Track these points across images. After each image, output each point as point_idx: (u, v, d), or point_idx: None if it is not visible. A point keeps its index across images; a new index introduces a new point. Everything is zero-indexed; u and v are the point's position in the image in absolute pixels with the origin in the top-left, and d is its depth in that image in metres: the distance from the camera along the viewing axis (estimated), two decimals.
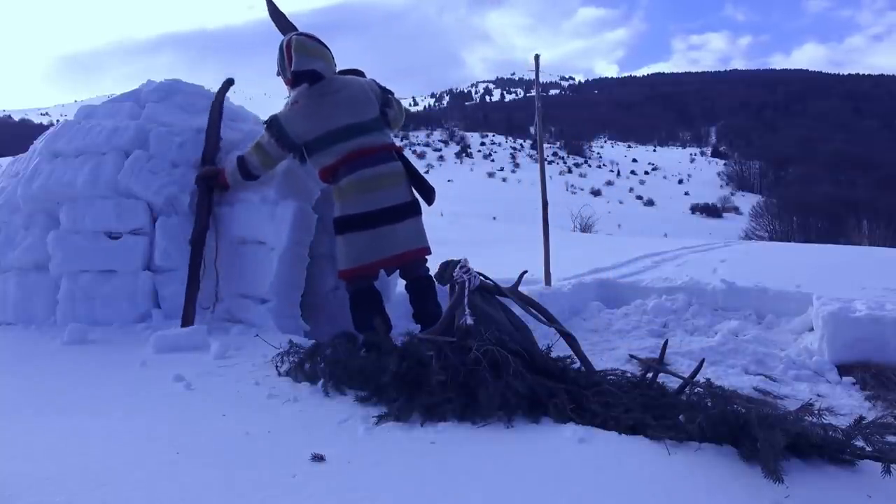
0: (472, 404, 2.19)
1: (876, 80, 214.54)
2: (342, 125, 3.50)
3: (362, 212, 3.46)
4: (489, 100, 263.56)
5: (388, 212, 3.49)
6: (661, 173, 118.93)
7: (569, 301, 4.91)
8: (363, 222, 3.46)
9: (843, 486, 1.73)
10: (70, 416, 2.36)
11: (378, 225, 3.47)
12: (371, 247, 3.48)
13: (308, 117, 3.51)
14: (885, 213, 30.86)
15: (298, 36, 3.58)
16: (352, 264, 3.50)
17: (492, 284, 3.19)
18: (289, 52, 3.52)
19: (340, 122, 3.50)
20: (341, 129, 3.50)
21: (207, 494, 1.68)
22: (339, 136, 3.49)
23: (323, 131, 3.48)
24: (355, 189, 3.47)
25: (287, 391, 2.54)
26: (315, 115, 3.51)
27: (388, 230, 3.49)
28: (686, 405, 2.15)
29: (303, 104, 3.53)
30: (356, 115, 3.56)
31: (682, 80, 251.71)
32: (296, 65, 3.48)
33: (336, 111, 3.52)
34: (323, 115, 3.50)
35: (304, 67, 3.50)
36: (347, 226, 3.50)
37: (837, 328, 3.62)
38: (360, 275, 3.53)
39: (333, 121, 3.50)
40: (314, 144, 3.53)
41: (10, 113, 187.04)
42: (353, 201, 3.48)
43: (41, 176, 3.98)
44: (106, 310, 3.75)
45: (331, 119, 3.50)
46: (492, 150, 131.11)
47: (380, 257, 3.50)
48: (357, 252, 3.48)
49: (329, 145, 3.49)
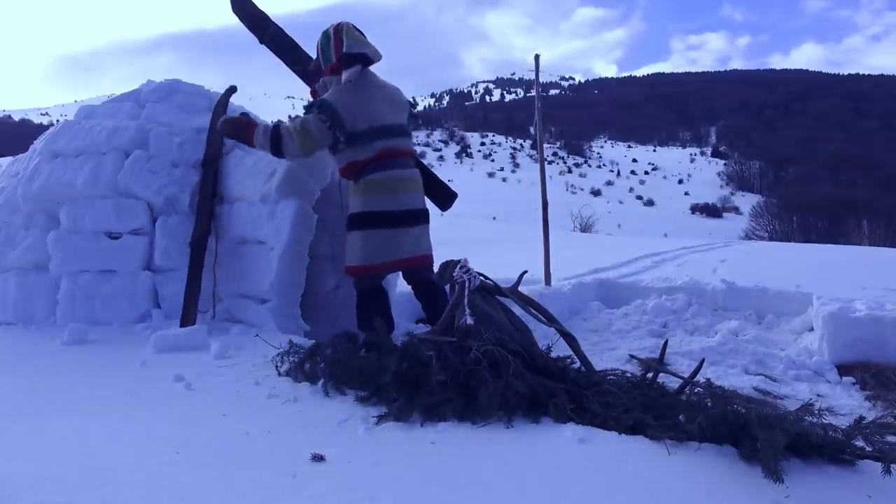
0: (472, 404, 2.19)
1: (876, 80, 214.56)
2: (385, 123, 3.49)
3: (387, 210, 3.43)
4: (489, 100, 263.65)
5: (408, 215, 3.51)
6: (661, 173, 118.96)
7: (569, 301, 4.91)
8: (385, 221, 3.44)
9: (843, 486, 1.73)
10: (70, 416, 2.36)
11: (398, 226, 3.46)
12: (387, 246, 3.45)
13: (360, 104, 3.42)
14: (885, 213, 30.85)
15: (348, 23, 3.54)
16: (364, 261, 3.46)
17: (492, 284, 3.19)
18: (338, 36, 3.47)
19: (384, 119, 3.49)
20: (384, 126, 3.48)
21: (207, 494, 1.68)
22: (381, 132, 3.47)
23: (368, 125, 3.43)
24: (383, 188, 3.45)
25: (287, 391, 2.54)
26: (365, 104, 3.44)
27: (405, 233, 3.49)
28: (686, 405, 2.15)
29: (355, 85, 3.43)
30: (396, 115, 3.57)
31: (682, 80, 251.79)
32: (347, 47, 3.43)
33: (381, 107, 3.50)
34: (370, 108, 3.45)
35: (356, 50, 3.44)
36: (369, 222, 3.45)
37: (837, 328, 3.62)
38: (370, 273, 3.50)
39: (378, 117, 3.47)
40: (358, 136, 3.43)
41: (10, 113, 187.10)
42: (378, 199, 3.44)
43: (41, 176, 3.98)
44: (106, 310, 3.75)
45: (376, 114, 3.46)
46: (492, 150, 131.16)
47: (393, 258, 3.47)
48: (372, 250, 3.44)
49: (370, 140, 3.44)
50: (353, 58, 3.42)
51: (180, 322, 3.57)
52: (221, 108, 4.16)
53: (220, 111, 4.14)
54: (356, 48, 3.44)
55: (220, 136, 4.05)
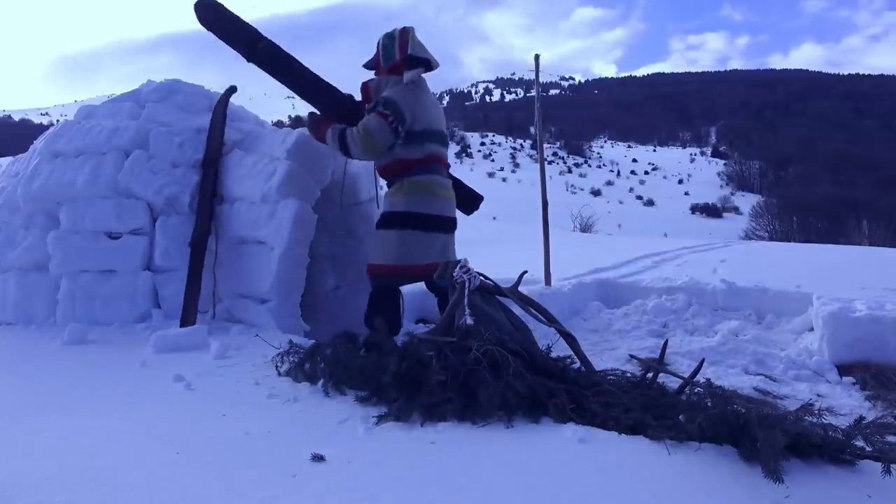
0: (472, 404, 2.19)
1: (876, 80, 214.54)
2: (436, 128, 3.62)
3: (426, 213, 3.49)
4: (489, 100, 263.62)
5: (445, 221, 3.60)
6: (661, 173, 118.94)
7: (569, 301, 4.91)
8: (426, 223, 3.49)
9: (843, 486, 1.73)
10: (70, 416, 2.36)
11: (434, 230, 3.52)
12: (422, 249, 3.48)
13: (419, 104, 3.51)
14: (885, 213, 30.85)
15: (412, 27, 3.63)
16: (397, 261, 3.47)
17: (492, 284, 3.19)
18: (403, 37, 3.56)
19: (436, 124, 3.62)
20: (436, 131, 3.61)
21: (207, 494, 1.68)
22: (433, 136, 3.58)
23: (423, 126, 3.51)
24: (428, 191, 3.51)
25: (287, 391, 2.54)
26: (423, 106, 3.53)
27: (437, 238, 3.54)
28: (686, 405, 2.15)
29: (419, 86, 3.55)
30: (442, 123, 3.71)
31: (682, 80, 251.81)
32: (413, 49, 3.53)
33: (434, 113, 3.62)
34: (427, 111, 3.55)
35: (421, 54, 3.54)
36: (408, 222, 3.47)
37: (837, 328, 3.62)
38: (399, 274, 3.50)
39: (432, 121, 3.58)
40: (413, 135, 3.49)
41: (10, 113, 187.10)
42: (420, 200, 3.48)
43: (41, 176, 3.98)
44: (106, 310, 3.75)
45: (431, 118, 3.57)
46: (492, 150, 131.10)
47: (425, 262, 3.48)
48: (406, 250, 3.46)
49: (423, 141, 3.52)
50: (418, 61, 3.52)
51: (180, 322, 3.57)
52: (221, 108, 4.16)
53: (220, 111, 4.14)
54: (421, 52, 3.55)
55: (221, 136, 4.05)
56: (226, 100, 4.23)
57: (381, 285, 3.54)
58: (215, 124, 4.09)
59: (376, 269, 3.55)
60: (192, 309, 3.62)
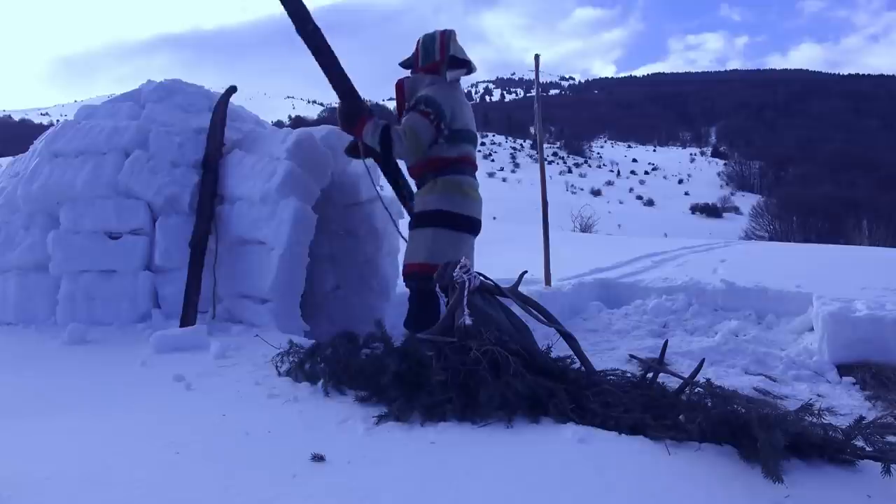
0: (472, 404, 2.18)
1: (876, 80, 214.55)
2: (473, 129, 3.64)
3: (460, 213, 3.49)
4: (489, 100, 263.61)
5: (475, 223, 3.60)
6: (661, 173, 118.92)
7: (569, 301, 4.91)
8: (461, 224, 3.50)
9: (843, 486, 1.73)
10: (70, 416, 2.36)
11: (465, 231, 3.53)
12: (453, 249, 3.43)
13: (458, 104, 3.52)
14: (885, 213, 30.85)
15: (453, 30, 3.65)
16: (427, 259, 3.42)
17: (492, 285, 3.19)
18: (444, 38, 3.57)
19: (471, 125, 3.62)
20: (472, 132, 3.63)
21: (207, 494, 1.68)
22: (469, 137, 3.60)
23: (462, 126, 3.53)
24: (461, 190, 3.51)
25: (287, 391, 2.54)
26: (462, 106, 3.55)
27: (467, 239, 3.55)
28: (686, 405, 2.15)
29: (458, 86, 3.58)
30: (474, 124, 3.70)
31: (682, 80, 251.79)
32: (455, 50, 3.55)
33: (469, 113, 3.62)
34: (465, 111, 3.57)
35: (463, 56, 3.57)
36: (448, 221, 3.47)
37: (837, 328, 3.62)
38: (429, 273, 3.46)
39: (467, 121, 3.59)
40: (454, 133, 3.50)
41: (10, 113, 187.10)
42: (455, 200, 3.48)
43: (41, 176, 3.98)
44: (106, 310, 3.75)
45: (468, 118, 3.59)
46: (492, 150, 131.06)
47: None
48: (438, 249, 3.43)
49: (460, 141, 3.53)
50: (460, 62, 3.56)
51: (180, 322, 3.57)
52: (221, 108, 4.16)
53: (220, 111, 4.14)
54: (463, 55, 3.58)
55: (221, 136, 4.05)
56: (226, 100, 4.23)
57: (420, 288, 3.48)
58: (215, 124, 4.09)
59: (410, 268, 3.53)
60: (192, 309, 3.62)
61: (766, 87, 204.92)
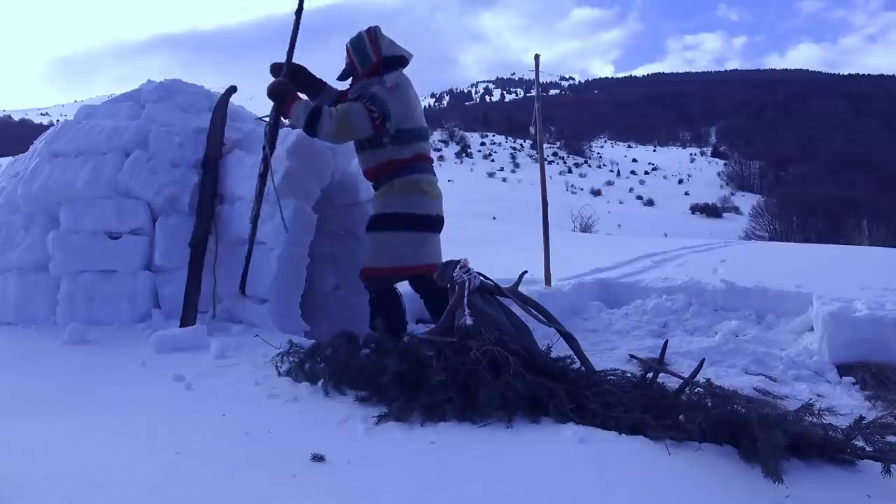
0: (472, 404, 2.18)
1: (876, 80, 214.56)
2: (423, 125, 3.56)
3: (420, 213, 3.45)
4: (489, 100, 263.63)
5: (435, 221, 3.54)
6: (661, 173, 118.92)
7: (569, 301, 4.91)
8: (417, 223, 3.45)
9: (843, 486, 1.73)
10: (70, 416, 2.36)
11: (426, 230, 3.48)
12: (415, 250, 3.44)
13: (407, 105, 3.46)
14: (885, 213, 30.86)
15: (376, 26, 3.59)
16: (391, 263, 3.43)
17: (492, 285, 3.19)
18: (372, 38, 3.51)
19: (422, 121, 3.56)
20: (423, 128, 3.55)
21: (207, 494, 1.68)
22: (420, 134, 3.53)
23: (413, 125, 3.48)
24: (418, 190, 3.46)
25: (287, 391, 2.54)
26: (410, 105, 3.49)
27: (430, 238, 3.50)
28: (686, 405, 2.15)
29: (403, 90, 3.47)
30: (424, 119, 3.64)
31: (682, 80, 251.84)
32: (386, 49, 3.48)
33: (419, 109, 3.56)
34: (415, 109, 3.51)
35: (396, 52, 3.49)
36: (403, 223, 3.43)
37: (837, 328, 3.62)
38: (394, 275, 3.47)
39: (417, 118, 3.53)
40: (404, 134, 3.45)
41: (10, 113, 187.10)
42: (414, 201, 3.44)
43: (41, 176, 3.98)
44: (106, 310, 3.75)
45: (416, 116, 3.52)
46: (492, 150, 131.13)
47: (417, 263, 3.44)
48: (401, 252, 3.42)
49: (412, 141, 3.48)
50: (394, 60, 3.47)
51: (180, 322, 3.57)
52: (221, 108, 4.16)
53: (220, 111, 4.14)
54: (395, 51, 3.50)
55: (221, 136, 4.05)
56: (226, 100, 4.23)
57: (377, 288, 3.51)
58: (215, 124, 4.08)
59: (370, 272, 3.52)
60: (192, 309, 3.62)
61: (765, 87, 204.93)
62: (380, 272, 3.48)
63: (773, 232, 36.90)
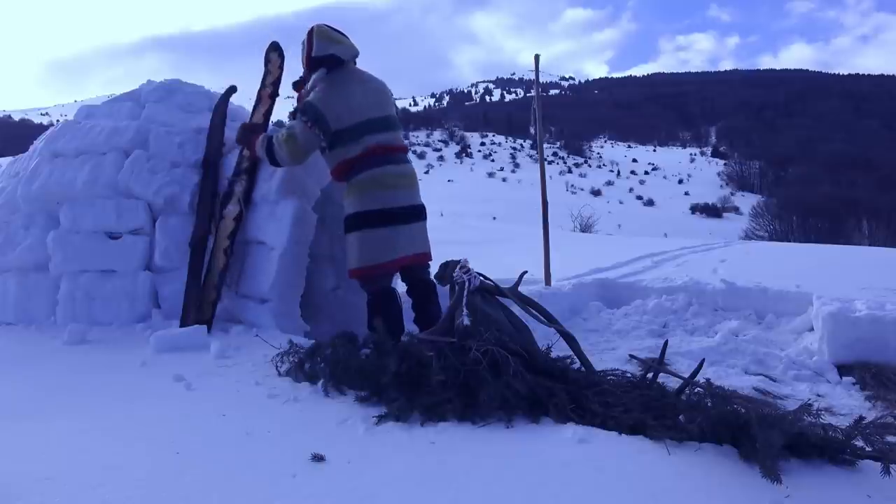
0: (472, 404, 2.19)
1: (875, 80, 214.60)
2: (373, 116, 3.46)
3: (381, 208, 3.39)
4: (489, 100, 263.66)
5: (405, 211, 3.47)
6: (661, 173, 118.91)
7: (569, 301, 4.91)
8: (381, 219, 3.39)
9: (843, 486, 1.73)
10: (70, 416, 2.36)
11: (395, 223, 3.42)
12: (387, 245, 3.41)
13: (340, 100, 3.41)
14: (885, 213, 30.87)
15: (321, 25, 3.58)
16: (366, 263, 3.42)
17: (492, 285, 3.19)
18: (309, 40, 3.52)
19: (371, 113, 3.46)
20: (371, 120, 3.44)
21: (207, 494, 1.68)
22: (368, 127, 3.43)
23: (353, 121, 3.41)
24: (376, 185, 3.40)
25: (287, 391, 2.54)
26: (347, 100, 3.42)
27: (404, 229, 3.45)
28: (686, 405, 2.15)
29: (323, 87, 3.44)
30: (383, 108, 3.54)
31: (682, 81, 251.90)
32: (315, 50, 3.48)
33: (364, 101, 3.47)
34: (353, 103, 3.43)
35: (321, 53, 3.48)
36: (364, 222, 3.40)
37: (837, 328, 3.62)
38: (374, 274, 3.45)
39: (364, 111, 3.44)
40: (345, 132, 3.41)
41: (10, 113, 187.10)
42: (371, 197, 3.40)
43: (41, 176, 3.98)
44: (106, 310, 3.75)
45: (360, 109, 3.44)
46: (492, 150, 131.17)
47: (394, 257, 3.42)
48: (372, 250, 3.40)
49: (359, 136, 3.41)
50: (318, 61, 3.48)
51: (180, 322, 3.57)
52: (221, 108, 4.16)
53: (220, 111, 4.14)
54: (322, 51, 3.48)
55: (221, 136, 4.05)
56: (226, 100, 4.23)
57: (370, 289, 3.50)
58: (215, 124, 4.09)
59: (351, 274, 3.53)
60: (192, 309, 3.62)
61: (765, 87, 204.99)
62: (359, 273, 3.47)
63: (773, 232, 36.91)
